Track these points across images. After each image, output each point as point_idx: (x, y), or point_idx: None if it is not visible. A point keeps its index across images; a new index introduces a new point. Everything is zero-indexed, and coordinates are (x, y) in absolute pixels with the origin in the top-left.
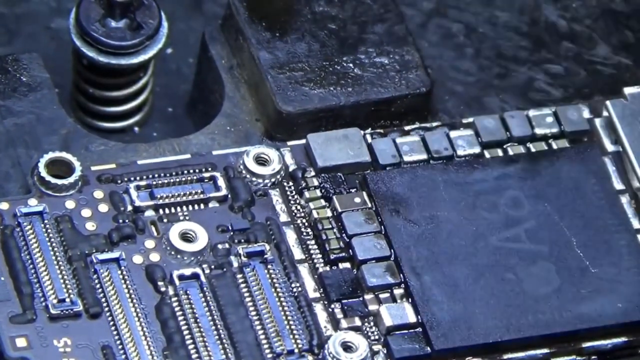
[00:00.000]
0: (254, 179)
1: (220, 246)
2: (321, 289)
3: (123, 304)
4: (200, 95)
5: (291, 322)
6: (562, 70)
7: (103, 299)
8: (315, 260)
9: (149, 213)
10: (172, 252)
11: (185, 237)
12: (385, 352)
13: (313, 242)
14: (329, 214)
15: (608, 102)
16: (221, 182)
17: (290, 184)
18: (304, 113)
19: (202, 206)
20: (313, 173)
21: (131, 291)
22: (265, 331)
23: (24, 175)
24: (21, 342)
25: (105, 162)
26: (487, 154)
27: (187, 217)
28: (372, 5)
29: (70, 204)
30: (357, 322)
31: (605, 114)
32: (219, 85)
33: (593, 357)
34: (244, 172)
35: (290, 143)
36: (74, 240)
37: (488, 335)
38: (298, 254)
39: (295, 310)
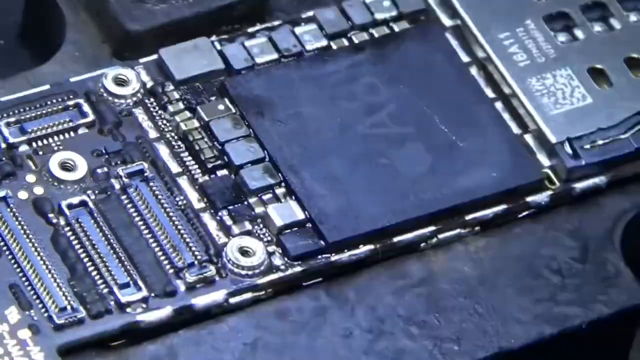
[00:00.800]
0: (116, 100)
1: (99, 170)
2: (205, 199)
3: (20, 241)
4: (35, 25)
5: (185, 236)
6: None
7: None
8: (193, 172)
9: (24, 148)
10: (55, 183)
11: (65, 166)
12: (280, 251)
13: (187, 153)
14: (197, 124)
15: None
16: (86, 107)
17: (152, 100)
18: (150, 29)
19: (72, 134)
20: (172, 87)
21: (25, 227)
22: (162, 248)
23: None
24: None
25: None
26: (333, 46)
27: (61, 147)
28: None
29: None
30: (248, 226)
31: None
32: (56, 12)
33: (477, 227)
34: (105, 94)
35: (142, 60)
36: None
37: (376, 221)
38: (175, 167)
39: (186, 223)
